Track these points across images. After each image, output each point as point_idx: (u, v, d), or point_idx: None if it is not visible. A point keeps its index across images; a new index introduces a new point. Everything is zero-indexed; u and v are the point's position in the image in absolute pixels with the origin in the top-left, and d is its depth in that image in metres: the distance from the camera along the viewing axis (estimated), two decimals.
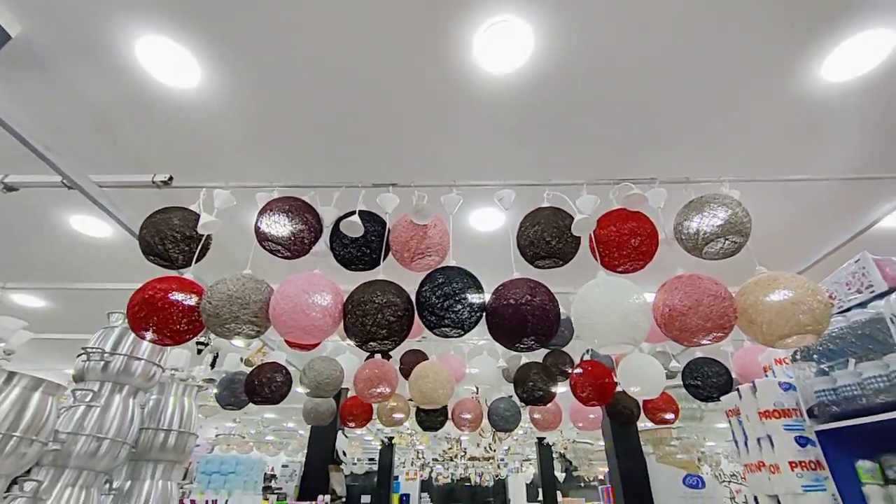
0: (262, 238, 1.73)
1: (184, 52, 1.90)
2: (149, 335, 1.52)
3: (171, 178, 1.95)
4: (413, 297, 1.57)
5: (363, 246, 1.77)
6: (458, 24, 1.77)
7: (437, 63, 1.87)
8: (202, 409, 4.25)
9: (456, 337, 1.60)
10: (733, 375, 2.57)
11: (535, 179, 1.91)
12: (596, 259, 1.76)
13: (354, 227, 1.69)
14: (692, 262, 1.77)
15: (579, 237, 1.75)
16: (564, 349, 3.33)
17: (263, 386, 2.58)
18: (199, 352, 2.82)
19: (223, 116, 2.14)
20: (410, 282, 1.61)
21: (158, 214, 1.77)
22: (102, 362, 2.03)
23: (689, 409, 4.25)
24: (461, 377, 3.40)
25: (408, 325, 1.53)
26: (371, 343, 1.52)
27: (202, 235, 1.78)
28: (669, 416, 3.39)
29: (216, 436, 7.27)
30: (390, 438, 8.18)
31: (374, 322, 1.46)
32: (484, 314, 1.55)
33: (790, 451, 1.70)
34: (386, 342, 1.53)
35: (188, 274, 1.68)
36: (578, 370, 2.60)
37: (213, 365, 3.72)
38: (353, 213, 1.74)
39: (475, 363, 3.44)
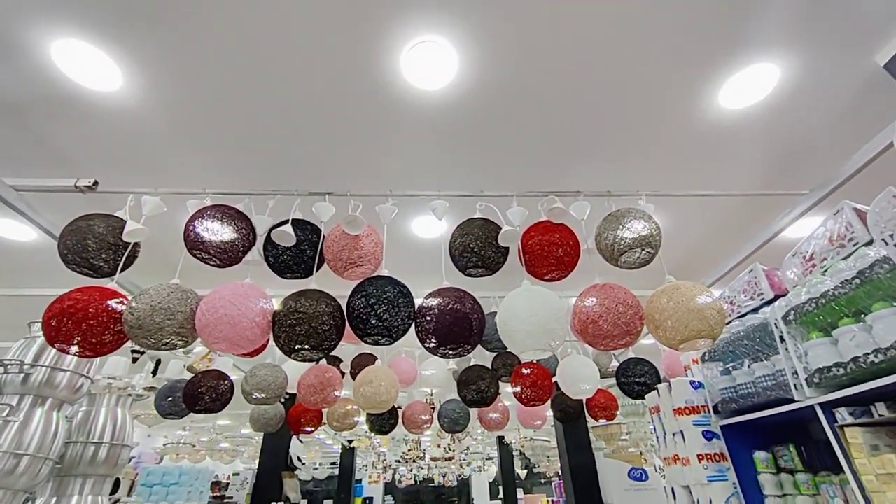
0: (192, 247, 1.71)
1: (102, 57, 1.84)
2: (68, 347, 1.48)
3: (96, 183, 1.89)
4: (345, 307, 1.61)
5: (297, 255, 1.79)
6: (386, 38, 1.82)
7: (368, 75, 1.91)
8: (144, 418, 4.09)
9: (386, 345, 1.65)
10: (662, 374, 2.75)
11: (469, 190, 1.99)
12: (524, 267, 1.86)
13: (286, 237, 1.71)
14: (614, 271, 1.90)
15: (507, 247, 1.85)
16: (511, 352, 3.46)
17: (204, 394, 2.53)
18: (135, 360, 2.73)
19: (150, 120, 2.08)
20: (348, 289, 1.64)
21: (80, 221, 1.72)
22: (22, 374, 1.95)
23: (632, 405, 4.48)
24: (413, 379, 3.45)
25: (337, 335, 1.56)
26: (299, 352, 1.55)
27: (128, 244, 1.74)
28: (607, 412, 3.58)
29: (164, 445, 6.97)
30: (350, 441, 8.12)
31: (304, 332, 1.49)
32: (413, 323, 1.60)
33: (698, 445, 1.86)
34: (315, 351, 1.56)
35: (112, 283, 1.65)
36: (522, 372, 2.70)
37: (154, 372, 3.60)
38: (285, 222, 1.75)
39: (427, 365, 3.50)
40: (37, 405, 1.98)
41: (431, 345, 1.59)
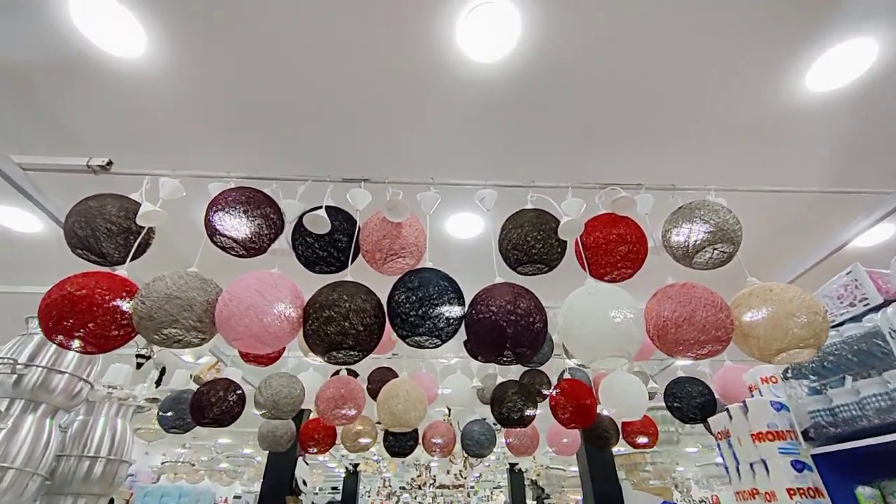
0: (214, 232, 1.52)
1: (127, 15, 1.69)
2: (69, 341, 1.27)
3: (110, 163, 1.72)
4: (385, 303, 1.40)
5: (330, 245, 1.59)
6: (442, 4, 1.66)
7: (417, 47, 1.74)
8: (144, 433, 3.83)
9: (432, 347, 1.43)
10: (716, 396, 2.49)
11: (516, 181, 1.80)
12: (583, 267, 1.64)
13: (320, 223, 1.52)
14: (680, 273, 1.67)
15: (565, 242, 1.64)
16: (541, 368, 3.20)
17: (212, 406, 2.29)
18: (139, 366, 2.51)
19: (173, 93, 1.92)
20: (382, 288, 1.43)
21: (91, 201, 1.54)
22: (14, 375, 1.74)
23: (665, 432, 4.16)
24: (433, 398, 3.20)
25: (377, 333, 1.35)
26: (334, 353, 1.33)
27: (142, 228, 1.56)
28: (648, 439, 3.28)
29: (162, 463, 6.63)
30: (355, 465, 7.72)
31: (340, 329, 1.27)
32: (462, 323, 1.39)
33: (787, 477, 1.59)
34: (352, 353, 1.34)
35: (121, 271, 1.45)
36: (558, 390, 2.45)
37: (158, 383, 3.37)
38: (318, 207, 1.56)
39: (448, 383, 3.25)
40: (28, 411, 1.76)
41: (485, 348, 1.36)
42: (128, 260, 1.51)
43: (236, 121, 2.03)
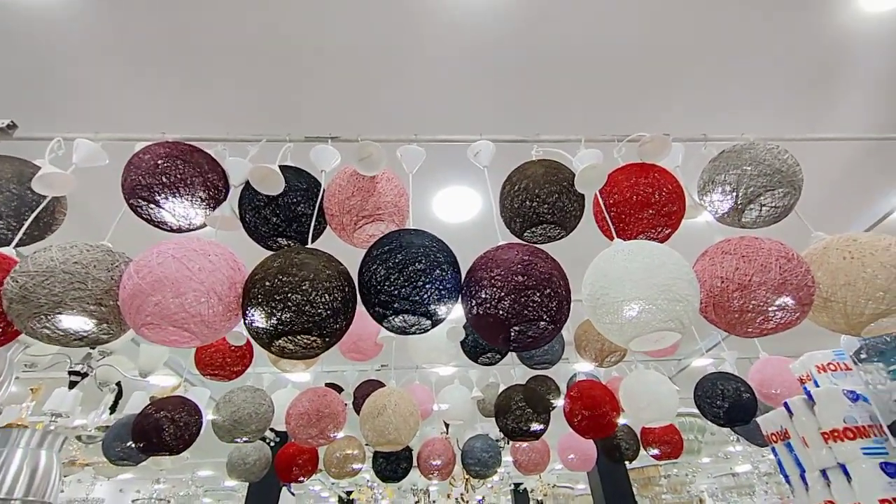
0: (133, 195, 1.18)
1: None
2: None
3: (12, 125, 1.38)
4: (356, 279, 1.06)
5: (285, 210, 1.25)
6: None
7: None
8: (102, 467, 3.37)
9: (421, 332, 1.08)
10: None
11: (518, 136, 1.49)
12: (604, 230, 1.32)
13: (271, 180, 1.18)
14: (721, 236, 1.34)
15: (582, 197, 1.32)
16: (549, 374, 2.85)
17: (160, 429, 1.90)
18: (72, 385, 2.11)
19: (95, 42, 1.56)
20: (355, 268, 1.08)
21: None
22: None
23: (686, 440, 3.79)
24: (428, 413, 2.82)
25: (344, 313, 1.00)
26: (285, 342, 0.98)
27: (41, 198, 1.21)
28: (671, 449, 2.92)
29: (133, 501, 6.01)
30: (349, 493, 7.17)
31: (291, 304, 0.92)
32: (458, 295, 1.05)
33: (878, 485, 1.25)
34: (310, 339, 0.99)
35: (7, 251, 1.09)
36: (574, 392, 2.09)
37: (113, 408, 2.94)
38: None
39: (444, 396, 2.88)
40: None
41: (494, 327, 1.02)
42: (17, 238, 1.15)
43: (171, 75, 1.69)
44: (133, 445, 2.19)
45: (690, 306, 0.97)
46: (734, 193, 1.27)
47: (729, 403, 2.13)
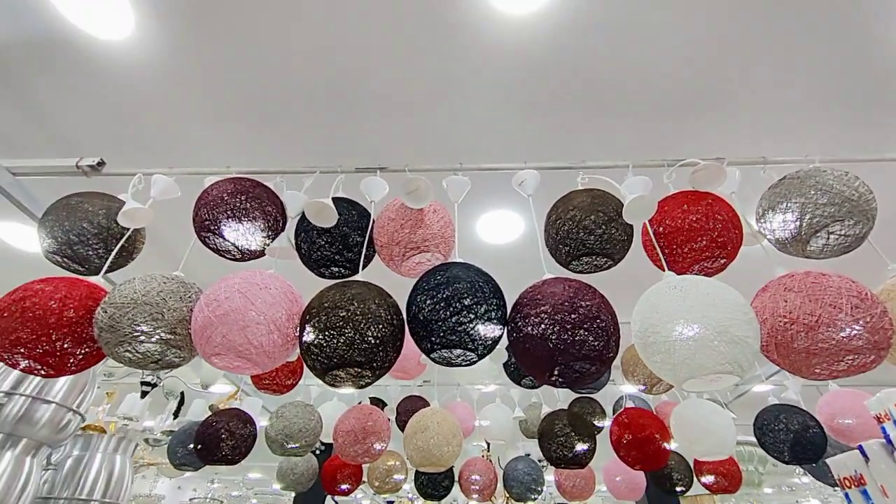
0: (203, 229, 1.28)
1: None
2: (14, 357, 1.04)
3: (101, 163, 1.54)
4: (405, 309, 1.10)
5: (338, 242, 1.31)
6: None
7: (437, 4, 1.47)
8: (165, 469, 3.62)
9: (465, 365, 1.10)
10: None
11: (563, 162, 1.48)
12: (655, 261, 1.28)
13: (325, 213, 1.25)
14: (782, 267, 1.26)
15: (631, 228, 1.29)
16: (594, 396, 2.77)
17: (220, 441, 2.02)
18: (143, 395, 2.29)
19: (164, 81, 1.71)
20: (404, 297, 1.12)
21: (71, 199, 1.35)
22: None
23: (745, 471, 3.54)
24: (469, 430, 2.82)
25: (394, 347, 1.04)
26: (337, 373, 1.03)
27: (125, 230, 1.34)
28: (728, 482, 2.74)
29: (191, 500, 6.40)
30: (389, 503, 7.25)
31: (343, 341, 0.97)
32: (504, 330, 1.06)
33: None
34: (361, 372, 1.03)
35: (97, 280, 1.22)
36: (622, 419, 2.02)
37: (176, 414, 3.16)
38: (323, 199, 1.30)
39: (486, 413, 2.87)
40: (6, 447, 1.53)
41: (537, 364, 1.02)
42: (105, 266, 1.28)
43: (237, 112, 1.83)
44: (194, 452, 2.34)
45: (749, 349, 0.93)
46: (798, 223, 1.20)
47: (793, 439, 1.98)
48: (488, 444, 4.04)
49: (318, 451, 3.95)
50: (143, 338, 1.02)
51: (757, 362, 2.69)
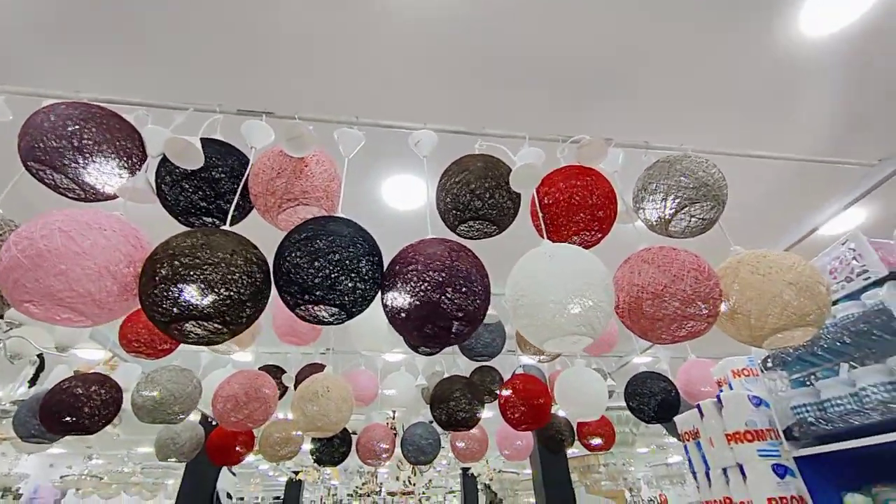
0: (30, 157, 1.07)
1: None
2: None
3: None
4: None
5: (206, 186, 1.18)
6: None
7: None
8: (18, 443, 3.17)
9: (335, 323, 1.06)
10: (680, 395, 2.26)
11: (465, 127, 1.46)
12: (538, 229, 1.32)
13: (189, 154, 1.11)
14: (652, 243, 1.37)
15: (518, 196, 1.32)
16: (493, 365, 2.90)
17: (75, 407, 1.79)
18: None
19: None
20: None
21: None
22: None
23: (621, 433, 3.98)
24: (373, 398, 2.81)
25: (257, 299, 0.96)
26: (184, 325, 0.92)
27: None
28: (603, 441, 3.05)
29: (62, 477, 5.73)
30: (296, 472, 7.14)
31: (199, 283, 0.87)
32: (377, 288, 1.03)
33: (768, 484, 1.34)
34: (212, 325, 0.94)
35: None
36: (509, 388, 2.13)
37: (33, 381, 2.77)
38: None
39: (390, 382, 2.87)
40: None
41: (407, 322, 1.00)
42: None
43: (87, 32, 1.55)
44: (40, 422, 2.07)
45: (602, 312, 0.99)
46: (664, 203, 1.30)
47: (656, 401, 2.24)
48: (394, 412, 4.09)
49: (212, 420, 3.72)
50: None
51: (635, 337, 2.99)
